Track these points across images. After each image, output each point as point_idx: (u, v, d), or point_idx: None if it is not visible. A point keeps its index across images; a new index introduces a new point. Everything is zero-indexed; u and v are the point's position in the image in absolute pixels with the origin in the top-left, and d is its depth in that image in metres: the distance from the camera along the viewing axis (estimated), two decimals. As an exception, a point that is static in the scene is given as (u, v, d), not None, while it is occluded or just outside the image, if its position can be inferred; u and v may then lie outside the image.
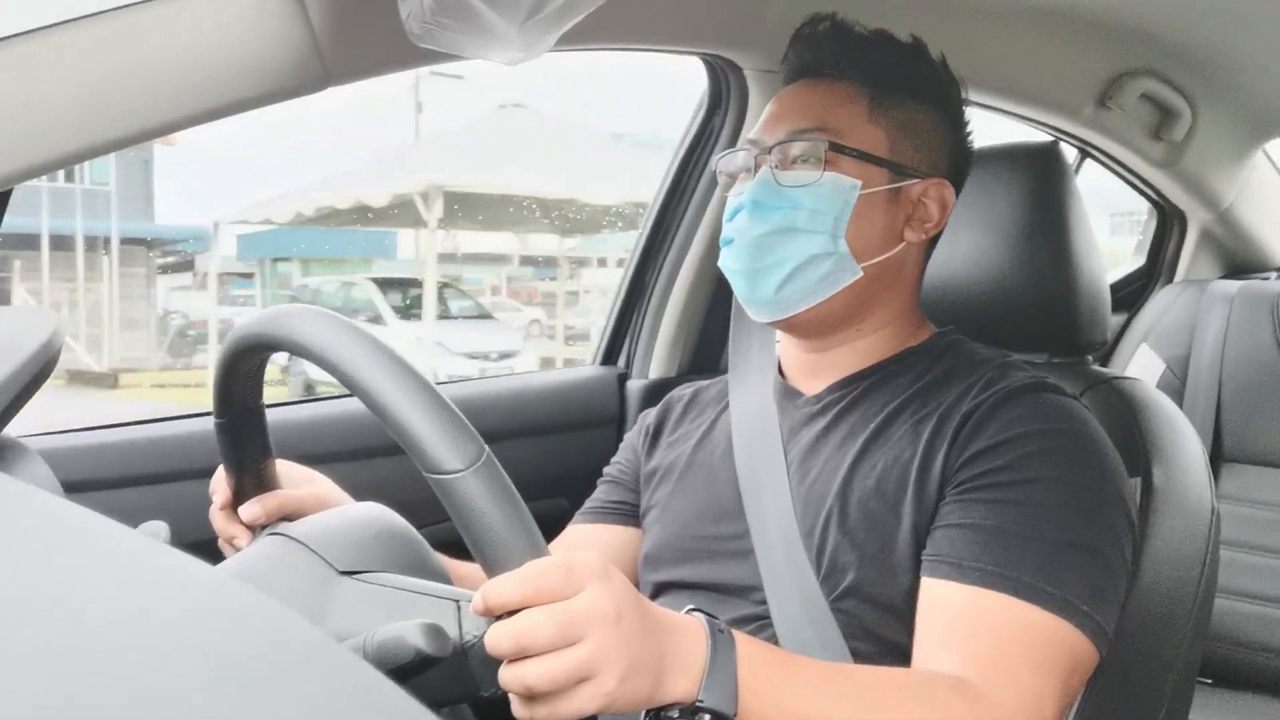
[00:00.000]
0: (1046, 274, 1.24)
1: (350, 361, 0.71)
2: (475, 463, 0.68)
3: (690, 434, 1.24)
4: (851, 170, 1.09)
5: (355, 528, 0.86)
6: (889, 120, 1.12)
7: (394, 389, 0.69)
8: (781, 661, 0.85)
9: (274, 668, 0.33)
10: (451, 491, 0.68)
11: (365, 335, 0.72)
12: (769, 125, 1.14)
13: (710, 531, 1.13)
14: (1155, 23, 1.75)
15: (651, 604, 0.79)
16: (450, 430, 0.68)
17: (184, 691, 0.30)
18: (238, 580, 0.39)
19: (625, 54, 1.46)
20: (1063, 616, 0.92)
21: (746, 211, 1.10)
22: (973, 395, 1.04)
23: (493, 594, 0.70)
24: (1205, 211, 2.29)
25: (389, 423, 0.69)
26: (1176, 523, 1.13)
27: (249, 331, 0.81)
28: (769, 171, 1.10)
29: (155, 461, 1.30)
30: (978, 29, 1.65)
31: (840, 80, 1.14)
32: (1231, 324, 2.07)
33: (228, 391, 0.88)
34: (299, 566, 0.82)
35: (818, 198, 1.08)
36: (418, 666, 0.69)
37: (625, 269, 1.80)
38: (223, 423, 0.91)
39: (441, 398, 0.70)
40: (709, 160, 1.67)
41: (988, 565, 0.94)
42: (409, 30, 1.05)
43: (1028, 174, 1.26)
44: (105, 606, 0.34)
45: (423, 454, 0.68)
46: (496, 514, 0.69)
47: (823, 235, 1.08)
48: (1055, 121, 1.94)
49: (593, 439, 1.67)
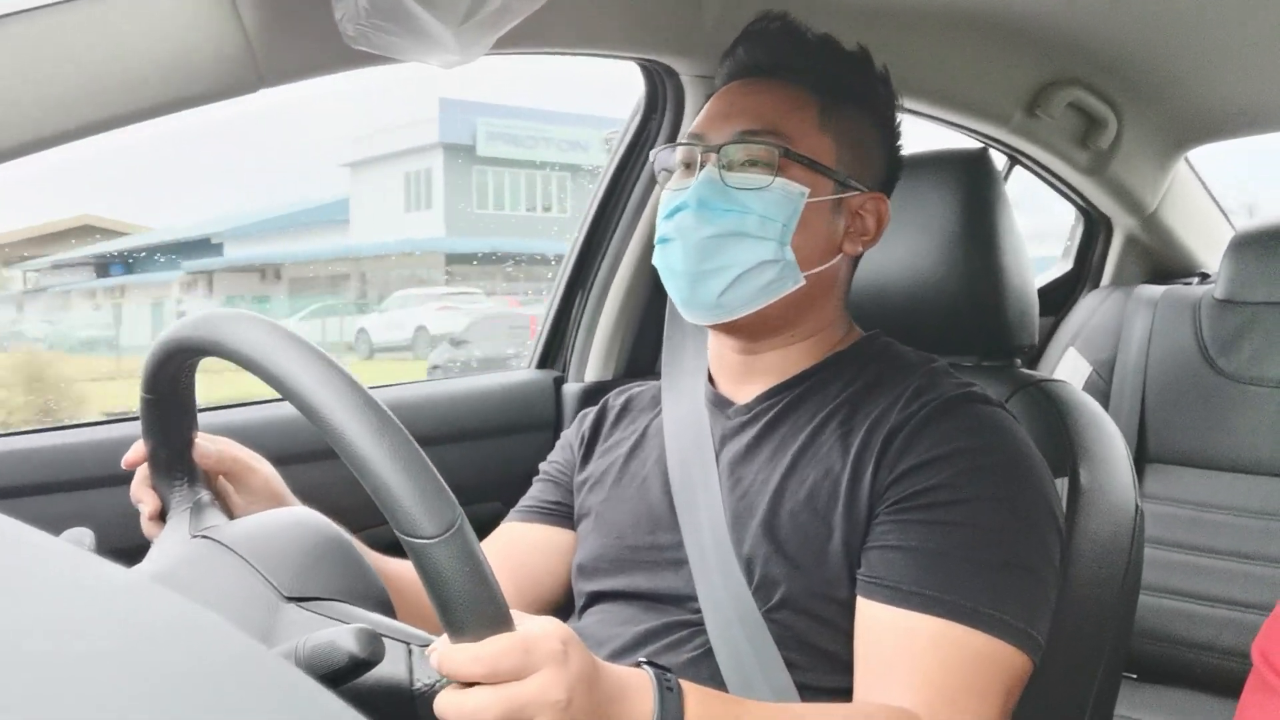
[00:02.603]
0: (976, 278, 1.26)
1: (331, 410, 0.68)
2: (449, 529, 0.67)
3: (624, 440, 1.24)
4: (800, 178, 1.08)
5: (298, 546, 0.84)
6: (836, 130, 1.11)
7: (375, 444, 0.67)
8: (732, 711, 0.85)
9: (204, 675, 0.33)
10: (423, 557, 0.67)
11: (349, 379, 0.70)
12: (715, 123, 1.12)
13: (645, 541, 1.13)
14: (1083, 33, 1.79)
15: (605, 671, 0.79)
16: (428, 492, 0.67)
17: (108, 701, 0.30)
18: (164, 587, 0.39)
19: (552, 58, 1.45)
20: (1002, 638, 0.93)
21: (691, 211, 1.08)
22: (901, 406, 1.04)
23: (450, 664, 0.70)
24: (1130, 218, 2.34)
25: (366, 478, 0.67)
26: (1102, 521, 1.15)
27: (219, 343, 0.76)
28: (715, 171, 1.08)
29: (80, 468, 1.27)
30: (908, 35, 1.67)
31: (789, 84, 1.12)
32: (1156, 328, 2.12)
33: (161, 373, 0.86)
34: (242, 586, 0.80)
35: (767, 203, 1.07)
36: (350, 671, 0.69)
37: (560, 272, 1.80)
38: (151, 399, 0.89)
39: (421, 455, 0.68)
40: (645, 164, 1.67)
41: (927, 590, 0.94)
42: (343, 32, 1.04)
43: (958, 180, 1.28)
44: (24, 614, 0.33)
45: (398, 516, 0.67)
46: (465, 583, 0.68)
47: (771, 242, 1.07)
48: (984, 129, 1.97)
49: (528, 442, 1.67)
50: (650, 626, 1.07)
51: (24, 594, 0.35)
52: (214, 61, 1.02)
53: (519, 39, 1.15)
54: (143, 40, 0.97)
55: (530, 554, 1.23)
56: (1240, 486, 1.95)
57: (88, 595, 0.36)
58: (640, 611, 1.10)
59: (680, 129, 1.62)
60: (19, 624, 0.33)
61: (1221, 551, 1.94)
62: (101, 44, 0.95)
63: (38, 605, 0.35)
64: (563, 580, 1.24)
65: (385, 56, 1.08)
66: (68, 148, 0.96)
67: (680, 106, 1.62)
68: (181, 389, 0.90)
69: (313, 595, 0.81)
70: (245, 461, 1.04)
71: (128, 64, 0.97)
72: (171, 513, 0.96)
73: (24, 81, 0.92)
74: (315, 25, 1.06)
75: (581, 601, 1.17)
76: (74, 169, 1.47)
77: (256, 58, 1.04)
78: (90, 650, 0.32)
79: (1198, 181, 2.48)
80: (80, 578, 0.37)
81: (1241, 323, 2.01)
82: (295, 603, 0.80)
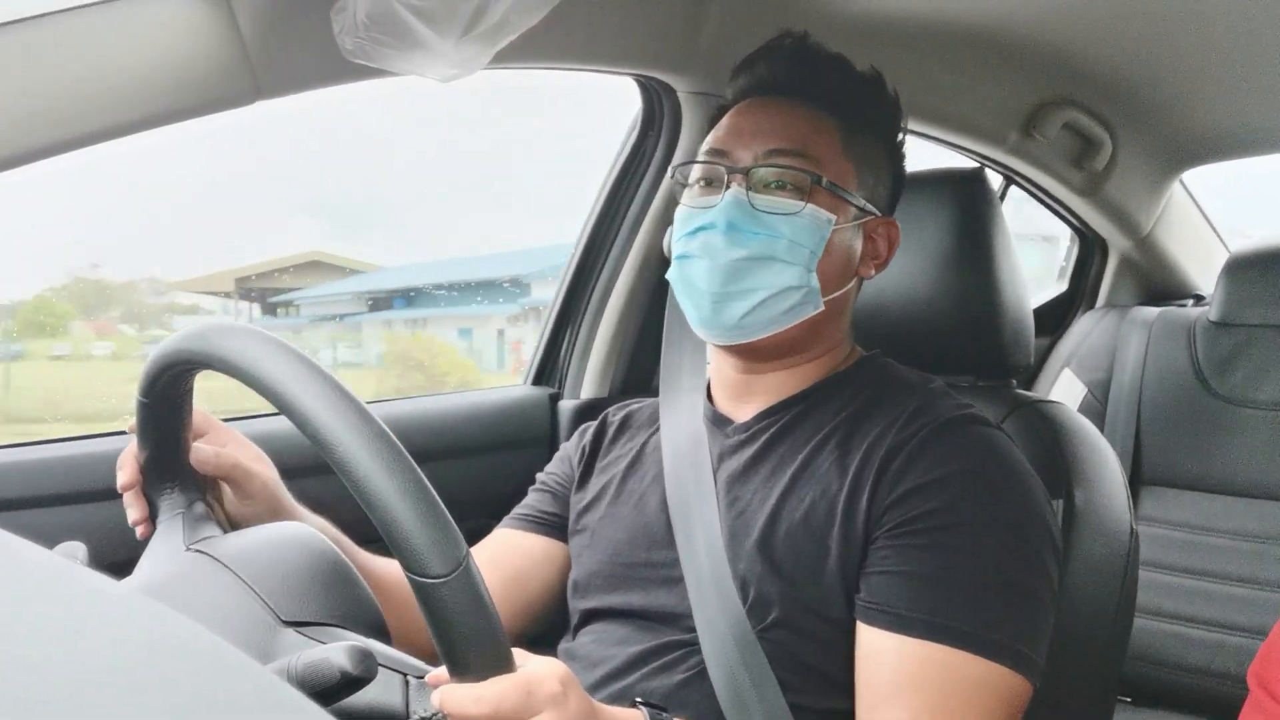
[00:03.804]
0: (972, 298, 1.26)
1: (343, 442, 0.67)
2: (457, 569, 0.67)
3: (622, 457, 1.24)
4: (827, 204, 1.08)
5: (296, 568, 0.83)
6: (856, 154, 1.11)
7: (386, 480, 0.66)
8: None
9: (197, 690, 0.32)
10: (430, 596, 0.67)
11: (361, 408, 0.69)
12: (741, 139, 1.11)
13: (641, 558, 1.12)
14: (1079, 56, 1.79)
15: (602, 714, 0.80)
16: (438, 532, 0.67)
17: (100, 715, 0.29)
18: (158, 603, 0.38)
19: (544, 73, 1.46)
20: (1004, 663, 0.93)
21: (720, 232, 1.07)
22: (899, 427, 1.04)
23: (453, 703, 0.71)
24: (1125, 239, 2.35)
25: (375, 512, 0.67)
26: (1096, 543, 1.15)
27: (225, 360, 0.75)
28: (743, 193, 1.07)
29: (74, 480, 1.27)
30: (906, 55, 1.67)
31: (808, 104, 1.12)
32: (1150, 349, 2.12)
33: (159, 377, 0.86)
34: (240, 609, 0.79)
35: (797, 229, 1.06)
36: (343, 688, 0.68)
37: (558, 289, 1.79)
38: (146, 402, 0.88)
39: (431, 493, 0.68)
40: (642, 181, 1.67)
41: (930, 616, 0.94)
42: (341, 45, 1.04)
43: (954, 199, 1.28)
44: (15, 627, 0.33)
45: (406, 555, 0.67)
46: (470, 623, 0.68)
47: (798, 267, 1.06)
48: (981, 148, 1.98)
49: (523, 459, 1.66)
50: (644, 648, 1.06)
51: (14, 607, 0.35)
52: (211, 73, 1.02)
53: (517, 54, 1.15)
54: (140, 51, 0.97)
55: (523, 561, 1.23)
56: (1235, 509, 1.95)
57: (79, 609, 0.36)
58: (634, 631, 1.09)
59: (677, 146, 1.62)
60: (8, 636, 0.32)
61: (1216, 575, 1.94)
62: (99, 55, 0.95)
63: (28, 618, 0.34)
64: (552, 591, 1.23)
65: (383, 70, 1.08)
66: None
67: (677, 123, 1.62)
68: (178, 395, 0.89)
69: (311, 620, 0.80)
70: (245, 467, 1.02)
71: (125, 75, 0.97)
72: (161, 518, 0.95)
73: (19, 91, 0.91)
74: (313, 37, 1.06)
75: (575, 620, 1.17)
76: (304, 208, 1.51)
77: (254, 69, 1.04)
78: (82, 664, 0.32)
79: (1193, 204, 2.48)
80: (72, 591, 0.37)
81: (1236, 345, 2.02)
82: (293, 627, 0.79)
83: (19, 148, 0.92)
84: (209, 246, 3.28)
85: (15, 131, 0.92)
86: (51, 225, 2.28)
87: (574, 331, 1.77)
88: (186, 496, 0.96)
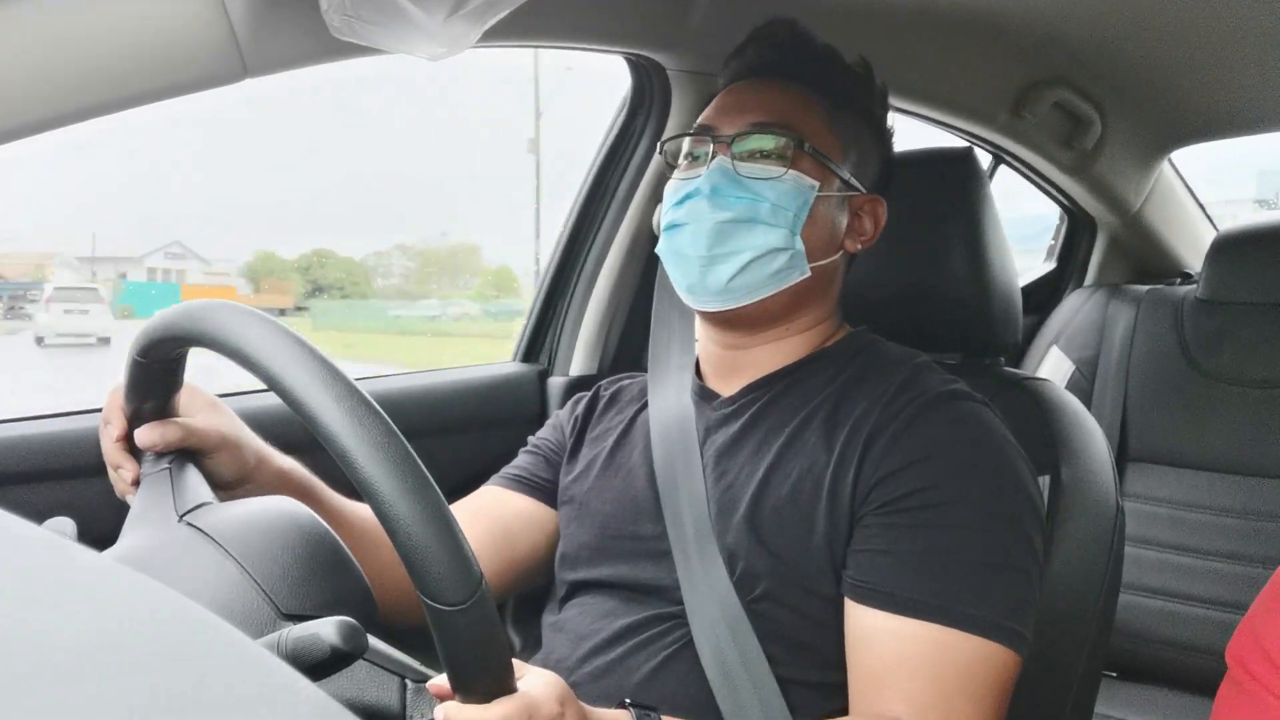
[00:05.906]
0: (961, 276, 1.26)
1: (368, 460, 0.66)
2: (472, 597, 0.67)
3: (611, 430, 1.24)
4: (811, 171, 1.10)
5: (295, 555, 0.81)
6: (841, 130, 1.14)
7: (410, 505, 0.66)
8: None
9: (187, 664, 0.33)
10: (444, 622, 0.67)
11: (388, 425, 0.68)
12: (727, 116, 1.14)
13: (628, 531, 1.13)
14: (1068, 35, 1.79)
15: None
16: (456, 560, 0.67)
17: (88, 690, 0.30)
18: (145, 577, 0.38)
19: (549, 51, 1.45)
20: (994, 639, 0.94)
21: (705, 198, 1.09)
22: (885, 403, 1.05)
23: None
24: (1113, 218, 2.36)
25: (396, 537, 0.66)
26: (1083, 520, 1.16)
27: (252, 358, 0.72)
28: (728, 161, 1.10)
29: (64, 457, 1.26)
30: (896, 34, 1.67)
31: (797, 85, 1.15)
32: (1138, 328, 2.13)
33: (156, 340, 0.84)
34: (241, 599, 0.78)
35: (780, 192, 1.09)
36: (333, 663, 0.69)
37: (547, 266, 1.79)
38: (143, 362, 0.87)
39: (452, 519, 0.68)
40: (632, 159, 1.67)
41: (918, 595, 0.95)
42: (329, 23, 1.03)
43: (943, 179, 1.28)
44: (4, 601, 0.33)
45: (425, 581, 0.67)
46: (480, 649, 0.69)
47: (782, 229, 1.09)
48: (970, 127, 1.98)
49: (513, 436, 1.66)
50: (631, 620, 1.07)
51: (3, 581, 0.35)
52: (198, 51, 1.01)
53: (507, 32, 1.15)
54: (127, 29, 0.96)
55: (512, 519, 1.23)
56: (1220, 486, 1.96)
57: (67, 582, 0.36)
58: (621, 604, 1.10)
59: (667, 124, 1.62)
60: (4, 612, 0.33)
61: (1201, 551, 1.95)
62: (85, 32, 0.94)
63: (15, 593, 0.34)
64: (538, 554, 1.23)
65: (371, 48, 1.07)
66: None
67: (667, 102, 1.62)
68: (174, 358, 0.89)
69: (310, 613, 0.80)
70: (201, 433, 0.97)
71: (111, 52, 0.96)
72: (145, 470, 0.94)
73: (6, 68, 0.91)
74: (301, 16, 1.06)
75: (563, 591, 1.17)
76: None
77: (241, 47, 1.03)
78: (73, 638, 0.32)
79: (1181, 183, 2.49)
80: (60, 565, 0.37)
81: (1223, 323, 2.03)
82: (293, 620, 0.79)
83: (3, 125, 0.92)
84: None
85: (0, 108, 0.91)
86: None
87: (563, 308, 1.77)
88: (172, 455, 0.95)
